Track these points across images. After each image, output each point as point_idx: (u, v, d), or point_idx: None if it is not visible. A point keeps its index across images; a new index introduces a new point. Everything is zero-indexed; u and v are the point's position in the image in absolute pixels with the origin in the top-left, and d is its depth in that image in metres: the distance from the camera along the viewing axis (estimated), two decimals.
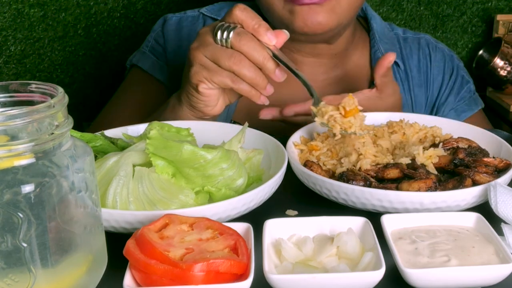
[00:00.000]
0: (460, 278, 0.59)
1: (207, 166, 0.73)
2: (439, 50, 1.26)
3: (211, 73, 0.89)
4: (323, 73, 1.21)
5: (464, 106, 1.24)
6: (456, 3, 2.18)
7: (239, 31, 0.88)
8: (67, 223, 0.55)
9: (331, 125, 0.85)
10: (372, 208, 0.74)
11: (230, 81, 0.89)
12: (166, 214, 0.63)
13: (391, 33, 1.26)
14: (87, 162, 0.57)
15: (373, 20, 1.24)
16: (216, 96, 0.93)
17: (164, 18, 1.31)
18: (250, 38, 0.88)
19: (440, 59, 1.25)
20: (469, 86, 1.26)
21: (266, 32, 0.88)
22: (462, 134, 0.90)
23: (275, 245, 0.65)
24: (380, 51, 1.20)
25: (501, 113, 2.04)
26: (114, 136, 0.87)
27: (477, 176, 0.76)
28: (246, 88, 0.89)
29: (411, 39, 1.26)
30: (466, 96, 1.25)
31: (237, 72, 0.88)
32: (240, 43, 0.87)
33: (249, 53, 0.87)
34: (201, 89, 0.91)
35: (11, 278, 0.52)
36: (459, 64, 1.26)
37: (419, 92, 1.22)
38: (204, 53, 0.90)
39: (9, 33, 1.90)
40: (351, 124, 0.84)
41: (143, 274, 0.57)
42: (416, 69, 1.23)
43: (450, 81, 1.24)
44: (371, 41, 1.22)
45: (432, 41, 1.27)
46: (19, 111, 0.51)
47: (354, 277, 0.59)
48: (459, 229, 0.67)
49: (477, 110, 1.26)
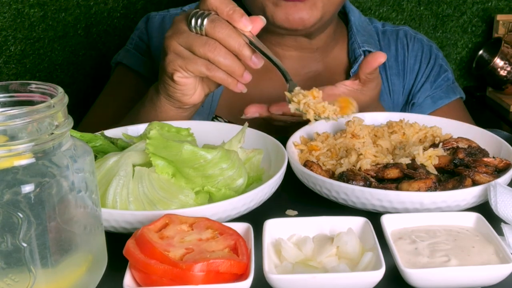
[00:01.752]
0: (460, 278, 0.59)
1: (207, 166, 0.73)
2: (417, 40, 1.27)
3: (185, 61, 0.87)
4: (304, 67, 1.21)
5: (441, 94, 1.24)
6: (456, 3, 2.18)
7: (213, 17, 0.86)
8: (67, 223, 0.55)
9: (304, 110, 0.85)
10: (372, 208, 0.74)
11: (206, 69, 0.87)
12: (166, 214, 0.63)
13: (370, 27, 1.27)
14: (87, 162, 0.57)
15: (351, 13, 1.25)
16: (193, 84, 0.92)
17: (147, 17, 1.32)
18: (225, 24, 0.86)
19: (417, 48, 1.26)
20: (446, 75, 1.26)
21: (241, 18, 0.86)
22: (462, 134, 0.90)
23: (275, 245, 0.65)
24: (357, 42, 1.21)
25: (501, 113, 2.04)
26: (114, 136, 0.87)
27: (477, 176, 0.76)
28: (222, 75, 0.88)
29: (390, 32, 1.28)
30: (443, 84, 1.25)
31: (212, 60, 0.86)
32: (214, 30, 0.85)
33: (224, 40, 0.86)
34: (176, 78, 0.89)
35: (11, 278, 0.52)
36: (437, 54, 1.27)
37: (397, 80, 1.24)
38: (178, 41, 0.88)
39: (9, 33, 1.90)
40: (325, 109, 0.84)
41: (143, 274, 0.57)
42: (393, 58, 1.24)
43: (426, 69, 1.25)
44: (349, 33, 1.24)
45: (410, 32, 1.28)
46: (19, 111, 0.51)
47: (354, 277, 0.59)
48: (459, 229, 0.67)
49: (455, 98, 1.26)
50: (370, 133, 0.90)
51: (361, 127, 0.89)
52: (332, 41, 1.22)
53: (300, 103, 0.86)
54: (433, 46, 1.29)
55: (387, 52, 1.24)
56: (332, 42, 1.23)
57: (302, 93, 0.87)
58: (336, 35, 1.23)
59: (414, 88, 1.25)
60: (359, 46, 1.20)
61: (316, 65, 1.23)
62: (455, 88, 1.28)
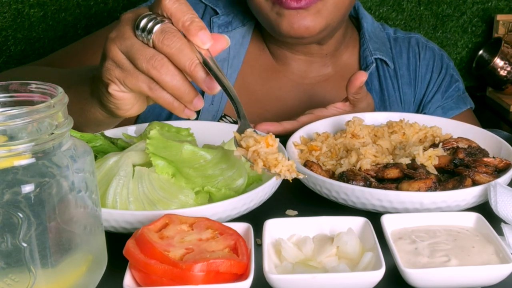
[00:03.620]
0: (460, 278, 0.59)
1: (207, 166, 0.73)
2: (429, 49, 1.26)
3: (124, 74, 0.73)
4: (313, 71, 1.21)
5: (452, 104, 1.24)
6: (456, 3, 2.18)
7: (164, 27, 0.71)
8: (67, 223, 0.55)
9: (252, 159, 0.69)
10: (372, 208, 0.74)
11: (147, 88, 0.72)
12: (166, 214, 0.63)
13: (382, 33, 1.26)
14: (87, 162, 0.57)
15: (364, 19, 1.24)
16: (130, 100, 0.77)
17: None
18: (177, 37, 0.70)
19: (429, 57, 1.25)
20: (457, 85, 1.26)
21: (198, 32, 0.71)
22: (462, 134, 0.90)
23: (275, 245, 0.65)
24: (369, 50, 1.20)
25: (501, 113, 2.04)
26: (114, 136, 0.87)
27: (477, 176, 0.76)
28: (167, 99, 0.73)
29: (402, 39, 1.27)
30: (454, 95, 1.25)
31: (157, 79, 0.71)
32: (162, 43, 0.70)
33: (174, 55, 0.70)
34: (111, 90, 0.75)
35: (11, 278, 0.52)
36: (448, 63, 1.27)
37: (408, 90, 1.23)
38: (120, 48, 0.72)
39: (9, 33, 1.90)
40: (277, 162, 0.68)
41: (143, 274, 0.57)
42: (405, 67, 1.24)
43: (438, 79, 1.24)
44: (361, 40, 1.23)
45: (422, 40, 1.28)
46: (19, 111, 0.51)
47: (354, 277, 0.59)
48: (459, 229, 0.67)
49: (465, 109, 1.25)
50: (370, 133, 0.90)
51: (361, 127, 0.89)
52: (342, 46, 1.22)
53: (248, 150, 0.70)
54: (445, 55, 1.28)
55: (399, 60, 1.23)
56: (342, 47, 1.22)
57: (254, 137, 0.70)
58: (347, 40, 1.22)
59: (425, 98, 1.24)
60: (371, 54, 1.19)
61: (325, 69, 1.22)
62: (465, 98, 1.27)
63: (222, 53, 1.12)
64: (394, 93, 1.21)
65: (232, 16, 1.19)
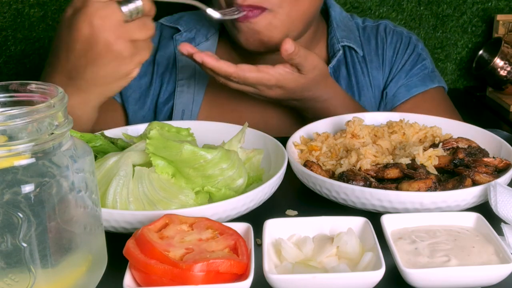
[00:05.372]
0: (460, 278, 0.59)
1: (207, 166, 0.73)
2: (396, 33, 1.25)
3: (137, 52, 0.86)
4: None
5: (417, 82, 1.22)
6: (456, 3, 2.18)
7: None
8: (67, 223, 0.55)
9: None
10: (372, 208, 0.74)
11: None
12: (166, 214, 0.63)
13: (351, 22, 1.26)
14: (87, 162, 0.57)
15: (332, 8, 1.24)
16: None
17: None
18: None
19: (396, 40, 1.24)
20: (424, 64, 1.23)
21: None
22: (462, 134, 0.90)
23: (275, 245, 0.65)
24: (336, 38, 1.20)
25: (501, 113, 2.05)
26: (114, 136, 0.87)
27: (477, 176, 0.76)
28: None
29: (370, 27, 1.27)
30: (419, 73, 1.23)
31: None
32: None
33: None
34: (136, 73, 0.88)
35: (11, 278, 0.52)
36: (416, 44, 1.25)
37: (377, 74, 1.22)
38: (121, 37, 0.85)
39: (9, 33, 1.90)
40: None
41: (143, 274, 0.57)
42: (373, 52, 1.23)
43: (403, 59, 1.23)
44: (329, 28, 1.22)
45: (390, 25, 1.27)
46: (19, 111, 0.51)
47: (354, 277, 0.59)
48: (459, 229, 0.67)
49: (432, 87, 1.22)
50: (370, 133, 0.90)
51: (361, 127, 0.89)
52: (313, 42, 1.21)
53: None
54: (413, 37, 1.27)
55: (367, 47, 1.23)
56: (313, 42, 1.21)
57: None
58: (318, 35, 1.22)
59: (389, 78, 1.23)
60: (338, 41, 1.19)
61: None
62: (434, 77, 1.24)
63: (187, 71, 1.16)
64: (364, 78, 1.21)
65: (195, 32, 1.20)
